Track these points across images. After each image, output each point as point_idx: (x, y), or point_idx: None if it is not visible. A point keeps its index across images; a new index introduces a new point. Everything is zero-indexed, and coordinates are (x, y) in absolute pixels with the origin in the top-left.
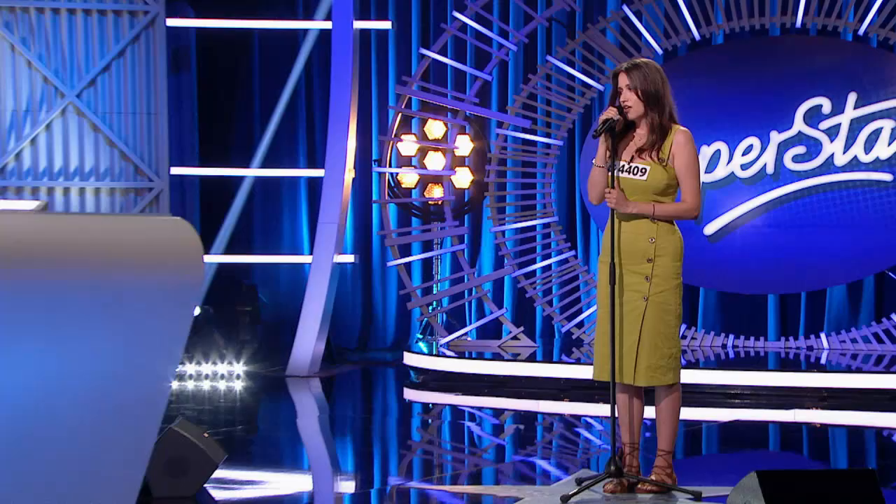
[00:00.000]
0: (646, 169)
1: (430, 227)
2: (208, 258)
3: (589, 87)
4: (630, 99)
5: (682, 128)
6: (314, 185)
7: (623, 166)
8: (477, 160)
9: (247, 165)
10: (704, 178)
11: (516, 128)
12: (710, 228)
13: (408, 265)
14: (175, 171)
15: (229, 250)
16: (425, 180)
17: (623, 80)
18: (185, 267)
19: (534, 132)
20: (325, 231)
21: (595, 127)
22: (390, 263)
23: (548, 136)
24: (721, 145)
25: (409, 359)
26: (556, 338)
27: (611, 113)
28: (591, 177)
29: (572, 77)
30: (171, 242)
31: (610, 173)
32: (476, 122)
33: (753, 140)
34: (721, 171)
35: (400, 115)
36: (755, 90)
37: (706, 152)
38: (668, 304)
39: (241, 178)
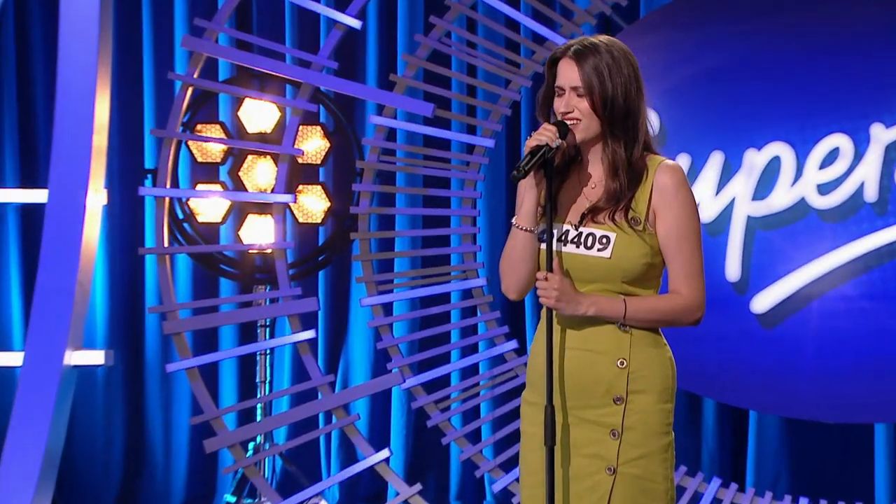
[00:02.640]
0: (608, 238)
1: (251, 297)
2: None
3: (542, 41)
4: (579, 110)
5: (666, 160)
6: (31, 218)
7: (567, 233)
8: (338, 174)
9: None
10: (752, 208)
11: (409, 116)
12: (761, 302)
13: (210, 369)
14: None
15: None
16: (242, 210)
17: (568, 75)
18: None
19: (443, 124)
20: (51, 305)
21: (528, 160)
22: (173, 367)
23: (468, 130)
24: (782, 149)
25: None
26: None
27: (545, 135)
28: (510, 249)
29: (513, 24)
30: None
31: (544, 244)
32: (336, 105)
33: (840, 140)
34: (782, 197)
35: (192, 89)
36: (842, 51)
37: (756, 161)
38: (654, 479)
39: None
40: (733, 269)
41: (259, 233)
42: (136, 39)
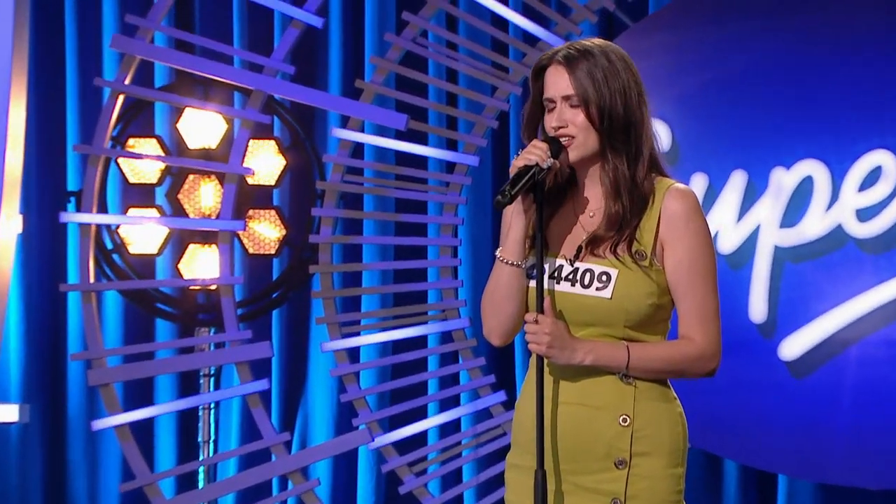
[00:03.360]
0: (609, 275)
1: (192, 342)
2: None
3: (534, 41)
4: (574, 124)
5: (676, 184)
6: None
7: (561, 269)
8: (295, 197)
9: None
10: (780, 237)
11: (379, 129)
12: (791, 347)
13: (143, 426)
14: None
15: None
16: (182, 239)
17: (557, 84)
18: None
19: (419, 138)
20: None
21: (512, 185)
22: (100, 424)
23: (449, 146)
24: (815, 168)
25: None
26: None
27: (535, 154)
28: (494, 286)
29: (501, 22)
30: None
31: (533, 281)
32: (293, 116)
33: (883, 157)
34: (815, 224)
35: (123, 97)
36: (886, 54)
37: (784, 182)
38: None
39: None
40: (758, 308)
41: (202, 266)
42: (58, 38)
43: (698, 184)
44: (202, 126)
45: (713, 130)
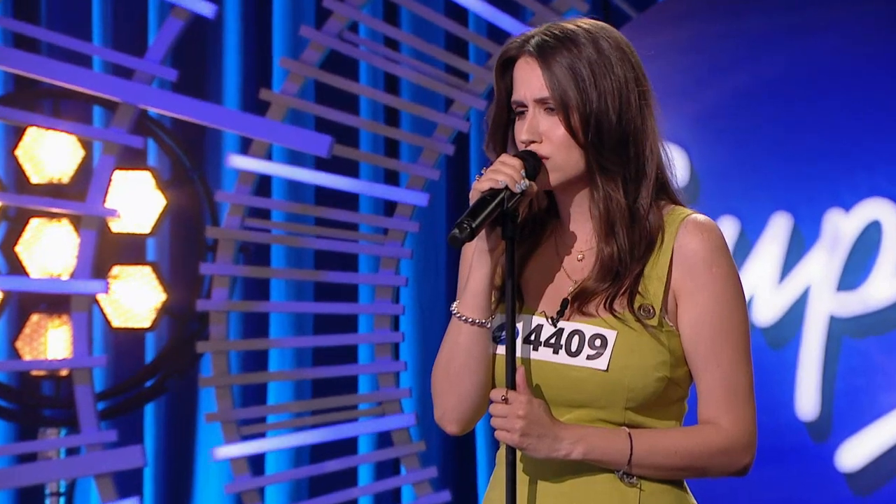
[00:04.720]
0: (604, 338)
1: (35, 447)
2: None
3: (503, 37)
4: (549, 138)
5: (694, 214)
6: None
7: (539, 330)
8: (177, 248)
9: None
10: (837, 304)
11: (293, 156)
12: (852, 454)
13: None
14: None
15: None
16: (23, 306)
17: (529, 82)
18: None
19: (347, 169)
20: None
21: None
22: None
23: (387, 179)
24: (883, 210)
25: None
26: None
27: (504, 174)
28: (449, 352)
29: (458, 11)
30: None
31: (501, 346)
32: (175, 139)
33: None
34: (884, 287)
35: None
36: None
37: (843, 229)
38: None
39: None
40: (808, 401)
41: (49, 344)
42: None
43: (727, 230)
44: (50, 152)
45: (745, 159)
